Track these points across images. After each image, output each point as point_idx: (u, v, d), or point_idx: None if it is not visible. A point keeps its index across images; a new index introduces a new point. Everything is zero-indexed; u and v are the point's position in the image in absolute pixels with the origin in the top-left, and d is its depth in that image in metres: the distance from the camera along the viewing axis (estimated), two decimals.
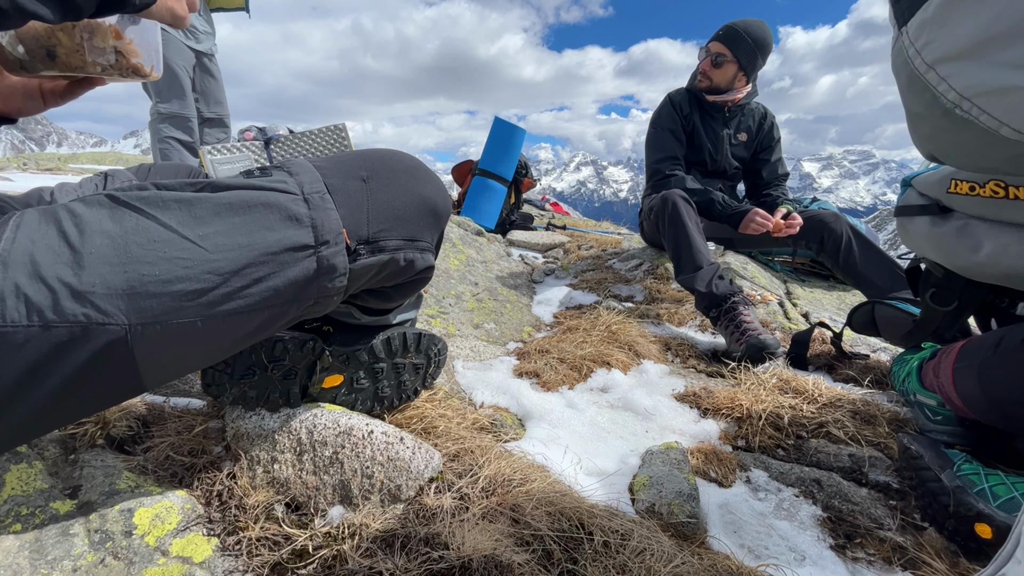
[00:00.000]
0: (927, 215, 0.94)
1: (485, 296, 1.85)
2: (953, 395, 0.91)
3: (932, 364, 1.01)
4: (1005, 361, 0.81)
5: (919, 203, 0.96)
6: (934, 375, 0.98)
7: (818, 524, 0.82)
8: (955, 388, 0.90)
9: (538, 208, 4.91)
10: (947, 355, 0.96)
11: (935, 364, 0.99)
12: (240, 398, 0.75)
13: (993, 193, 0.80)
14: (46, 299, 0.45)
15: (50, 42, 0.54)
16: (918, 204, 0.96)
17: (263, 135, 2.52)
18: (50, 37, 0.54)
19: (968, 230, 0.86)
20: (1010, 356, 0.80)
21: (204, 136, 3.05)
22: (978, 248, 0.84)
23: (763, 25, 2.09)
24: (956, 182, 0.86)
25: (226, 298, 0.52)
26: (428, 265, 0.71)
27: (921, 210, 0.95)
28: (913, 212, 0.97)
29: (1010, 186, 0.78)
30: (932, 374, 0.99)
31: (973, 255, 0.85)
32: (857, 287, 1.97)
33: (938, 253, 0.94)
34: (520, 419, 1.11)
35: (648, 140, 2.30)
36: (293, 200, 0.57)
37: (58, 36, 0.54)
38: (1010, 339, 0.82)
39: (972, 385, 0.86)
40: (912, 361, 1.10)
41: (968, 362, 0.88)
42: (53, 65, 0.56)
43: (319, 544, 0.64)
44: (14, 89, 0.62)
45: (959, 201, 0.88)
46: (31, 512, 0.59)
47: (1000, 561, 0.58)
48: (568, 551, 0.67)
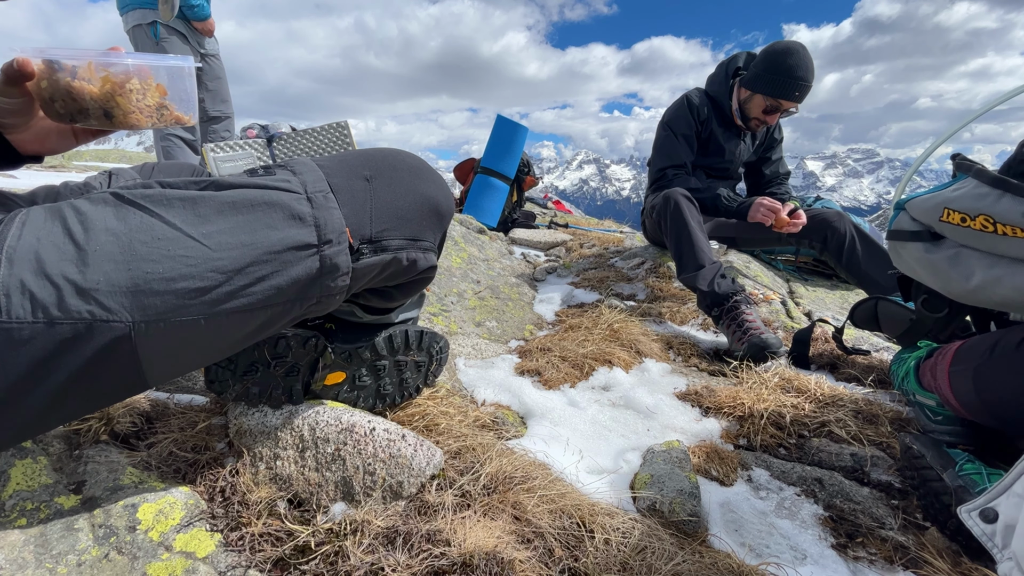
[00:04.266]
0: (920, 241, 0.94)
1: (487, 294, 1.85)
2: (950, 397, 0.91)
3: (929, 365, 1.01)
4: (1000, 365, 0.82)
5: (912, 228, 0.96)
6: (931, 376, 0.98)
7: (819, 523, 0.82)
8: (951, 391, 0.90)
9: (540, 206, 4.90)
10: (943, 357, 0.96)
11: (932, 365, 0.99)
12: (243, 395, 0.75)
13: (983, 227, 0.81)
14: (51, 296, 0.45)
15: (108, 105, 0.57)
16: (911, 230, 0.96)
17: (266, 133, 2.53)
18: (108, 101, 0.57)
19: (960, 259, 0.86)
20: (1005, 361, 0.81)
21: (208, 134, 3.06)
22: (970, 277, 0.84)
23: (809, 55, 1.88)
24: (949, 211, 0.86)
25: (229, 296, 0.52)
26: (431, 265, 0.71)
27: (913, 236, 0.95)
28: (905, 237, 0.97)
29: (998, 223, 0.78)
30: (929, 375, 0.99)
31: (966, 283, 0.85)
32: (860, 286, 1.97)
33: (932, 279, 0.94)
34: (522, 417, 1.12)
35: (658, 142, 2.18)
36: (296, 199, 0.57)
37: (116, 100, 0.58)
38: (1005, 343, 0.83)
39: (968, 389, 0.87)
40: (909, 361, 1.10)
41: (964, 366, 0.89)
42: (109, 124, 0.59)
43: (321, 540, 0.64)
44: (49, 130, 0.62)
45: (950, 230, 0.88)
46: (36, 507, 0.59)
47: (997, 491, 0.59)
48: (569, 548, 0.67)
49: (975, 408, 0.87)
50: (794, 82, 1.85)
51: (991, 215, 0.79)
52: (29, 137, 0.61)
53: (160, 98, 0.61)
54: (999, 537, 0.58)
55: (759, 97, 1.94)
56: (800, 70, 1.84)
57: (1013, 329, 0.85)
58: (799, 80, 1.85)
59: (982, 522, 0.60)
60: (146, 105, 0.60)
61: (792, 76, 1.84)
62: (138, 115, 0.59)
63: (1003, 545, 0.57)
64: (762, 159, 2.29)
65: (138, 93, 0.59)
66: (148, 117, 0.60)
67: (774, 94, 1.89)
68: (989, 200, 0.80)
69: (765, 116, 1.98)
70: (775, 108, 1.93)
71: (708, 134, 2.11)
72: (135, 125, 0.60)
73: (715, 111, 2.11)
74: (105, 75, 0.56)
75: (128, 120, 0.59)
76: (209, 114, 3.05)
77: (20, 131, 0.60)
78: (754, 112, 1.99)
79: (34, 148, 0.62)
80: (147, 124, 0.61)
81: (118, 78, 0.57)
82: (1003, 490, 0.60)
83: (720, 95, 2.09)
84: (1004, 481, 0.60)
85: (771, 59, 1.87)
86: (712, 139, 2.12)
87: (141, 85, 0.59)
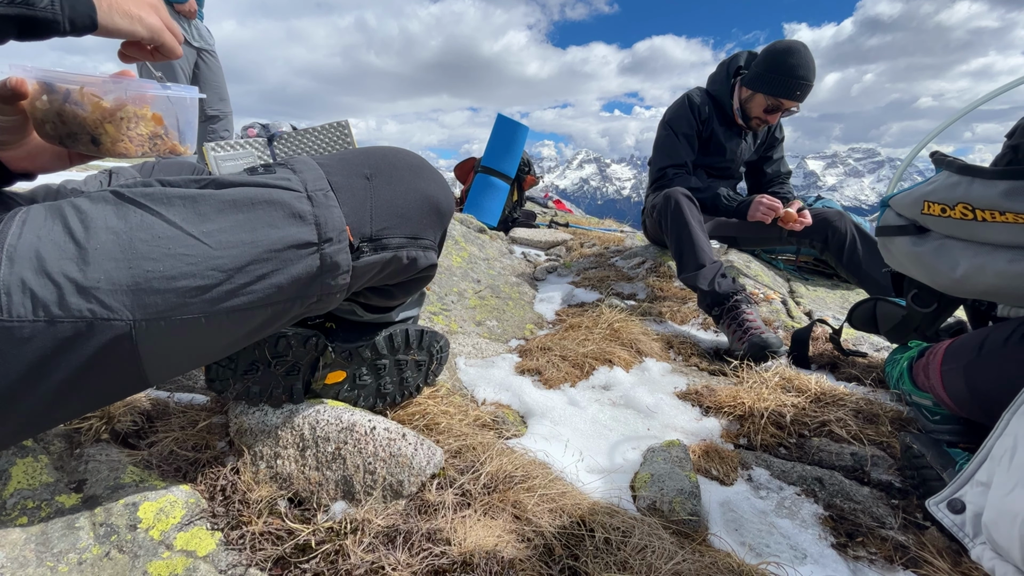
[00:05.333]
0: (906, 235, 0.96)
1: (487, 293, 1.85)
2: (944, 396, 0.93)
3: (921, 364, 1.02)
4: (989, 363, 0.84)
5: (897, 223, 0.98)
6: (925, 376, 0.99)
7: (820, 522, 0.82)
8: (945, 390, 0.92)
9: (541, 205, 4.90)
10: (934, 356, 0.97)
11: (924, 365, 1.00)
12: (243, 394, 0.75)
13: (963, 215, 0.83)
14: (51, 294, 0.45)
15: (96, 131, 0.56)
16: (896, 224, 0.98)
17: (266, 132, 2.53)
18: (96, 127, 0.56)
19: (945, 250, 0.88)
20: (994, 357, 0.83)
21: (207, 133, 3.06)
22: (955, 267, 0.86)
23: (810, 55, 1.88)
24: (928, 203, 0.89)
25: (230, 295, 0.52)
26: (431, 263, 0.71)
27: (899, 230, 0.97)
28: (892, 232, 0.99)
29: (976, 209, 0.80)
30: (923, 375, 1.00)
31: (952, 273, 0.87)
32: (860, 286, 1.97)
33: (920, 272, 0.95)
34: (522, 416, 1.12)
35: (659, 142, 2.17)
36: (297, 197, 0.57)
37: (104, 127, 0.56)
38: (992, 341, 0.84)
39: (960, 387, 0.88)
40: (902, 362, 1.11)
41: (954, 364, 0.90)
42: (96, 150, 0.58)
43: (322, 539, 0.64)
44: (43, 150, 0.61)
45: (933, 222, 0.89)
46: (37, 505, 0.59)
47: (961, 481, 0.60)
48: (569, 548, 0.67)
49: (968, 406, 0.88)
50: (795, 81, 1.85)
51: (969, 202, 0.81)
52: (21, 155, 0.60)
53: (155, 127, 0.60)
54: (968, 526, 0.59)
55: (760, 96, 1.94)
56: (801, 69, 1.83)
57: (999, 326, 0.86)
58: (800, 80, 1.85)
59: (951, 513, 0.61)
60: (137, 134, 0.58)
61: (793, 75, 1.84)
62: (127, 144, 0.58)
63: (974, 534, 0.58)
64: (763, 158, 2.28)
65: (130, 121, 0.58)
66: (139, 146, 0.59)
67: (775, 93, 1.89)
68: (962, 188, 0.82)
69: (766, 115, 1.97)
70: (776, 107, 1.93)
71: (709, 133, 2.11)
72: (123, 153, 0.58)
73: (716, 110, 2.10)
74: (96, 101, 0.55)
75: (116, 148, 0.58)
76: (207, 113, 3.04)
77: (13, 148, 0.59)
78: (755, 111, 1.99)
79: (24, 166, 0.61)
80: (137, 153, 0.59)
81: (109, 105, 0.56)
82: (966, 480, 0.61)
83: (721, 94, 2.09)
84: (967, 471, 0.61)
85: (772, 58, 1.87)
86: (713, 138, 2.11)
87: (135, 114, 0.58)
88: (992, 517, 0.52)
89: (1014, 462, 0.53)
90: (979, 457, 0.60)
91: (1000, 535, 0.50)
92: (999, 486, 0.54)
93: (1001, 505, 0.51)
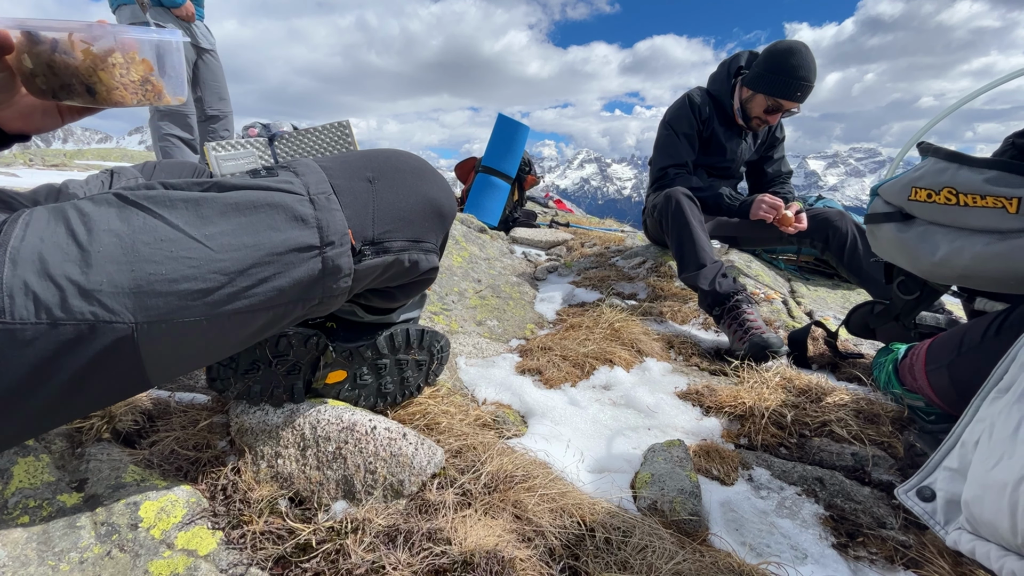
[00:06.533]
0: (892, 222, 0.98)
1: (488, 293, 1.85)
2: (932, 396, 0.94)
3: (906, 365, 1.03)
4: (970, 359, 0.86)
5: (885, 211, 1.00)
6: (911, 377, 1.01)
7: (820, 523, 0.83)
8: (932, 389, 0.93)
9: (541, 205, 4.90)
10: (917, 357, 0.99)
11: (909, 365, 1.02)
12: (244, 393, 0.76)
13: (947, 200, 0.86)
14: (54, 297, 0.45)
15: (91, 80, 0.55)
16: (884, 212, 1.00)
17: (267, 132, 2.53)
18: (90, 75, 0.55)
19: (928, 235, 0.91)
20: (973, 354, 0.86)
21: (207, 133, 3.06)
22: (935, 251, 0.88)
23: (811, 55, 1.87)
24: (916, 190, 0.91)
25: (231, 298, 0.52)
26: (432, 266, 0.71)
27: (886, 217, 0.99)
28: (880, 219, 1.01)
29: (960, 193, 0.84)
30: (909, 376, 1.02)
31: (931, 257, 0.89)
32: (861, 286, 1.96)
33: (903, 258, 0.98)
34: (522, 416, 1.12)
35: (659, 142, 2.17)
36: (299, 201, 0.57)
37: (98, 75, 0.55)
38: (970, 338, 0.87)
39: (947, 385, 0.90)
40: (887, 364, 1.12)
41: (938, 364, 0.93)
42: (92, 100, 0.56)
43: (322, 538, 0.64)
44: (33, 108, 0.60)
45: (918, 208, 0.92)
46: (38, 504, 0.60)
47: (929, 468, 0.60)
48: (570, 547, 0.67)
49: (958, 404, 0.89)
50: (796, 82, 1.85)
51: (954, 186, 0.85)
52: (13, 115, 0.59)
53: (145, 73, 0.58)
54: (940, 514, 0.59)
55: (761, 96, 1.93)
56: (802, 70, 1.83)
57: (976, 321, 0.88)
58: (801, 80, 1.85)
59: (921, 501, 0.61)
60: (130, 80, 0.57)
61: (794, 76, 1.84)
62: (122, 91, 0.56)
63: (945, 521, 0.58)
64: (764, 158, 2.28)
65: (121, 68, 0.56)
66: (133, 93, 0.57)
67: (776, 94, 1.89)
68: (949, 173, 0.86)
69: (767, 115, 1.97)
70: (777, 108, 1.93)
71: (710, 133, 2.10)
72: (119, 102, 0.57)
73: (717, 110, 2.10)
74: (86, 48, 0.53)
75: (111, 96, 0.56)
76: (207, 113, 3.04)
77: (3, 108, 0.58)
78: (756, 111, 1.99)
79: (19, 126, 0.60)
80: (132, 101, 0.58)
81: (100, 52, 0.54)
82: (935, 467, 0.61)
83: (722, 94, 2.08)
84: (935, 458, 0.61)
85: (773, 59, 1.87)
86: (714, 138, 2.11)
87: (124, 59, 0.56)
88: (976, 493, 0.52)
89: (993, 439, 0.53)
90: (947, 444, 0.61)
91: (985, 509, 0.50)
92: (980, 463, 0.53)
93: (985, 480, 0.51)
